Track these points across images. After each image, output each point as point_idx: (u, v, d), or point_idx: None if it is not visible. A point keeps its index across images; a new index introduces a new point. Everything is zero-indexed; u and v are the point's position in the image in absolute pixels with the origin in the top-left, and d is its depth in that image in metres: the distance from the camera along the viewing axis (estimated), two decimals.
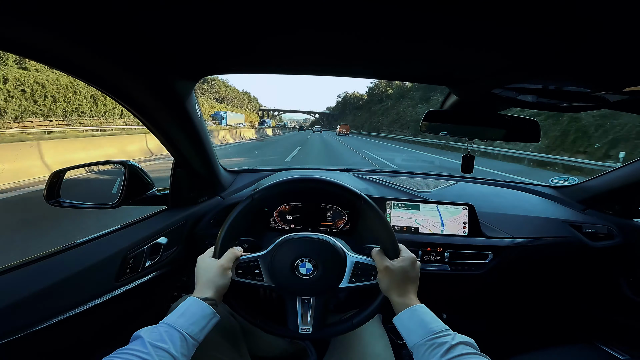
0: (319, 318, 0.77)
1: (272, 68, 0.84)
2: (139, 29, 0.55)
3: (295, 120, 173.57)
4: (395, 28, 0.54)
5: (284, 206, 1.18)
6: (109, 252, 0.86)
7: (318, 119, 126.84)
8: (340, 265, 0.76)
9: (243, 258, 0.75)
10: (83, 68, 0.62)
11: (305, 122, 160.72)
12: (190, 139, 0.99)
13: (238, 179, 1.47)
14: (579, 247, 1.29)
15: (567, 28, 0.48)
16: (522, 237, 1.23)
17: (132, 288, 0.92)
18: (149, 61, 0.68)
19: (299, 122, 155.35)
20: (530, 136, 0.99)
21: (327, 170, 1.71)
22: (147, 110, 0.81)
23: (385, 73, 0.86)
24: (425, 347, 0.57)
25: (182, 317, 0.61)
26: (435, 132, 1.06)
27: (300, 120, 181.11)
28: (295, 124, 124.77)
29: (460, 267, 1.17)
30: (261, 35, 0.61)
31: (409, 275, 0.70)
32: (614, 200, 1.42)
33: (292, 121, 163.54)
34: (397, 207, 1.24)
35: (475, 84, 0.82)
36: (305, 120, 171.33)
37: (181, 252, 1.12)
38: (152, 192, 1.08)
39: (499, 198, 1.51)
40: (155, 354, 0.52)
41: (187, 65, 0.77)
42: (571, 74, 0.69)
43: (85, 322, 0.80)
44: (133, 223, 1.01)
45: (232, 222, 0.74)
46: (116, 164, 1.04)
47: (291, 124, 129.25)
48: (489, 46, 0.60)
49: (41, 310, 0.70)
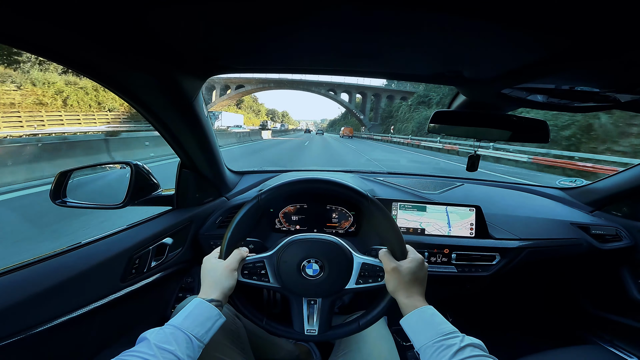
0: (325, 319, 0.77)
1: (281, 67, 0.84)
2: (147, 27, 0.55)
3: (308, 122, 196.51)
4: (404, 28, 0.53)
5: (289, 207, 1.17)
6: (114, 252, 0.85)
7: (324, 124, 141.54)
8: (347, 266, 0.75)
9: (249, 259, 0.75)
10: (89, 65, 0.61)
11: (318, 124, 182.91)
12: (196, 140, 0.99)
13: (243, 180, 1.47)
14: (587, 249, 1.27)
15: (576, 27, 0.47)
16: (530, 238, 1.22)
17: (137, 289, 0.91)
18: (156, 60, 0.67)
19: (308, 123, 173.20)
20: (539, 137, 0.98)
21: (332, 171, 1.70)
22: (154, 109, 0.81)
23: (393, 73, 0.85)
24: (433, 349, 0.56)
25: (188, 319, 0.61)
26: (442, 133, 1.05)
27: (310, 122, 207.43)
28: (306, 126, 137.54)
29: (467, 269, 1.16)
30: (269, 34, 0.60)
31: (417, 276, 0.69)
32: (622, 202, 1.41)
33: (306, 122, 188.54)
34: (403, 209, 1.23)
35: (485, 85, 0.81)
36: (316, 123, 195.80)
37: (186, 253, 1.12)
38: (157, 192, 1.08)
39: (506, 199, 1.49)
40: (161, 355, 0.52)
41: (195, 64, 0.76)
42: (581, 73, 0.68)
43: (90, 323, 0.80)
44: (139, 223, 1.00)
45: (239, 223, 0.73)
46: (122, 164, 1.04)
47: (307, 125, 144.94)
48: (498, 46, 0.59)
49: (46, 311, 0.70)
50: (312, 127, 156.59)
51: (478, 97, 0.92)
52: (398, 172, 1.74)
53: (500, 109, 1.00)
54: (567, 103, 0.87)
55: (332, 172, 1.69)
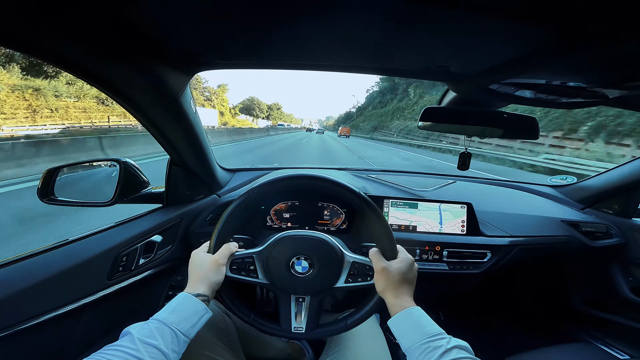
0: (312, 318, 0.76)
1: (270, 63, 0.83)
2: (127, 21, 0.54)
3: (312, 120, 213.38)
4: (390, 21, 0.53)
5: (280, 204, 1.17)
6: (100, 249, 0.84)
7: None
8: (336, 265, 0.75)
9: (238, 254, 0.74)
10: (71, 60, 0.60)
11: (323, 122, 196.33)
12: (185, 136, 0.98)
13: (234, 178, 1.46)
14: (578, 246, 1.28)
15: (564, 22, 0.47)
16: (521, 235, 1.22)
17: (125, 286, 0.90)
18: (142, 54, 0.66)
19: (312, 121, 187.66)
20: (528, 133, 0.98)
21: (325, 169, 1.70)
22: (141, 106, 0.80)
23: (381, 68, 0.85)
24: (419, 351, 0.56)
25: (174, 313, 0.60)
26: (432, 130, 1.05)
27: (313, 120, 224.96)
28: (310, 124, 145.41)
29: (458, 266, 1.16)
30: (255, 30, 0.60)
31: (406, 277, 0.69)
32: (613, 200, 1.42)
33: (310, 120, 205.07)
34: (395, 206, 1.23)
35: (472, 79, 0.82)
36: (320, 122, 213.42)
37: (176, 251, 1.11)
38: (147, 190, 1.07)
39: (497, 197, 1.50)
40: (144, 350, 0.51)
41: (180, 59, 0.75)
42: (568, 68, 0.68)
43: (76, 320, 0.79)
44: (127, 221, 0.99)
45: (229, 217, 0.73)
46: (110, 161, 1.03)
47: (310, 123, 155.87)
48: (483, 39, 0.59)
49: (31, 307, 0.69)
50: (316, 125, 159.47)
51: (467, 93, 0.93)
52: (390, 170, 1.74)
53: (490, 105, 1.01)
54: (555, 99, 0.87)
55: (325, 169, 1.69)
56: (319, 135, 43.31)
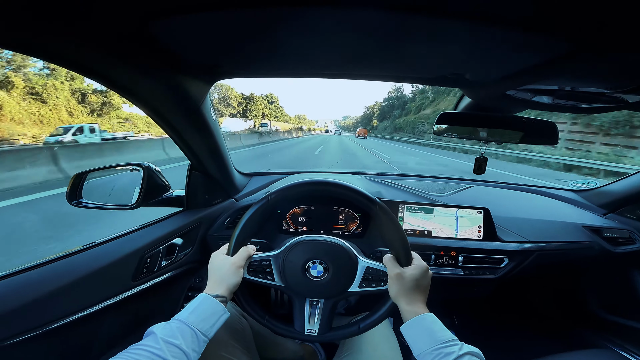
0: (325, 321, 0.78)
1: (284, 72, 0.85)
2: (150, 36, 0.57)
3: (327, 122, 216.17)
4: (406, 31, 0.54)
5: (296, 209, 1.19)
6: (126, 251, 0.88)
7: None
8: (351, 269, 0.76)
9: (256, 257, 0.77)
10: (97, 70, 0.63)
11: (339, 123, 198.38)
12: (205, 142, 1.01)
13: (252, 182, 1.49)
14: (599, 252, 1.25)
15: (577, 29, 0.47)
16: (539, 241, 1.20)
17: (147, 287, 0.94)
18: (164, 64, 0.70)
19: (327, 122, 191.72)
20: (547, 138, 0.96)
21: (340, 173, 1.71)
22: (163, 113, 0.84)
23: (398, 76, 0.86)
24: (431, 357, 0.56)
25: (194, 314, 0.62)
26: (448, 135, 1.04)
27: (329, 121, 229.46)
28: (325, 125, 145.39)
29: (474, 272, 1.15)
30: (276, 41, 0.62)
31: (419, 283, 0.69)
32: (637, 205, 1.37)
33: (325, 122, 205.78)
34: (410, 211, 1.23)
35: (488, 86, 0.81)
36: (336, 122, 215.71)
37: (195, 253, 1.14)
38: (169, 194, 1.11)
39: (515, 202, 1.47)
40: (167, 349, 0.54)
41: (200, 70, 0.79)
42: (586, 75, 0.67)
43: (101, 320, 0.83)
44: (150, 224, 1.04)
45: (248, 221, 0.75)
46: (135, 166, 1.07)
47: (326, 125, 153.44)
48: (498, 49, 0.59)
49: (60, 308, 0.73)
50: (332, 126, 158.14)
51: (483, 99, 0.92)
52: (406, 174, 1.73)
53: (507, 110, 1.00)
54: (574, 104, 0.86)
55: (340, 173, 1.70)
56: (337, 136, 46.06)
